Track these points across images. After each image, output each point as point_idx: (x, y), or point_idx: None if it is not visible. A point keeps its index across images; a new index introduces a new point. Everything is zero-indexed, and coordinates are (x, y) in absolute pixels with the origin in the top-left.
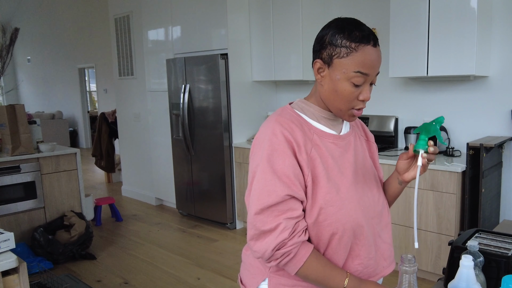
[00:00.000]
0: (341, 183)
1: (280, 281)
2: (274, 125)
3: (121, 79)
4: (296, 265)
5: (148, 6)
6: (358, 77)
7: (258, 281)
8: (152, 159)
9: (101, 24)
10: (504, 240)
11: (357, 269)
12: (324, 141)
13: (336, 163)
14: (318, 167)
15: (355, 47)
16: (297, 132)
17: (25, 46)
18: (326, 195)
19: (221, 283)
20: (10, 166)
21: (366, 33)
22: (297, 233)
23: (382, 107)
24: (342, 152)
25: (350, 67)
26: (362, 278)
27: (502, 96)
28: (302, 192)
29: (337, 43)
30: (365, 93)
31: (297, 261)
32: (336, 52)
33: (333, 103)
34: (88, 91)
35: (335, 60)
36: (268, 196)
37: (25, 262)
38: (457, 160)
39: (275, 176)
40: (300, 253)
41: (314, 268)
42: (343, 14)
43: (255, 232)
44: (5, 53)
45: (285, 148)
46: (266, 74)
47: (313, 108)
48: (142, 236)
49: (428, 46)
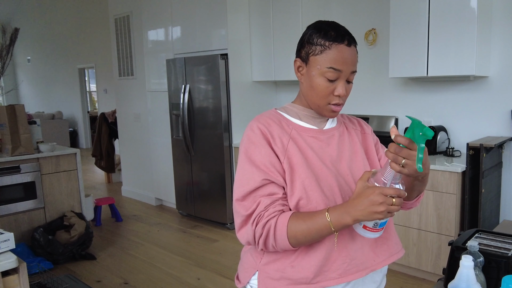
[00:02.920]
0: (321, 173)
1: (268, 274)
2: (252, 122)
3: (121, 79)
4: (281, 233)
5: (148, 6)
6: (331, 73)
7: (250, 275)
8: (152, 159)
9: (101, 24)
10: (504, 240)
11: (344, 261)
12: (303, 135)
13: (316, 154)
14: (296, 156)
15: (328, 45)
16: (273, 126)
17: (25, 46)
18: (305, 179)
19: (221, 283)
20: (10, 166)
21: (341, 33)
22: (274, 206)
23: (382, 107)
24: (322, 145)
25: (324, 63)
26: (351, 271)
27: (502, 96)
28: (280, 178)
29: (313, 41)
30: (339, 88)
31: (280, 229)
32: (312, 50)
33: (311, 99)
34: (88, 91)
35: (311, 58)
36: (247, 184)
37: (25, 263)
38: (457, 160)
39: (253, 165)
40: (280, 220)
41: (298, 227)
42: (343, 14)
43: (241, 219)
44: (5, 53)
45: (260, 140)
46: (266, 74)
47: (297, 108)
48: (142, 236)
49: (428, 46)
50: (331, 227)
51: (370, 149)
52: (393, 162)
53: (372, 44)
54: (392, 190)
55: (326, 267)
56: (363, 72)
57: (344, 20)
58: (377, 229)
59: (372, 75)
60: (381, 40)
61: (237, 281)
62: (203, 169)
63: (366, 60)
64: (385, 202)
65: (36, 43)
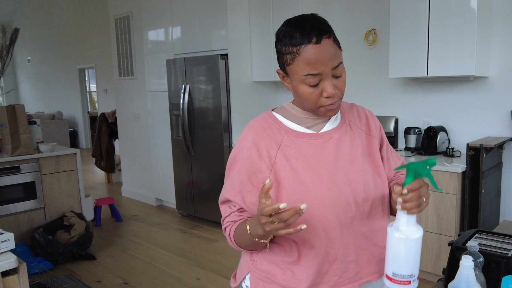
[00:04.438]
0: (311, 184)
1: (257, 274)
2: (244, 131)
3: (121, 80)
4: (232, 243)
5: (148, 6)
6: (310, 78)
7: (243, 274)
8: (152, 159)
9: (101, 24)
10: (504, 240)
11: (335, 273)
12: (296, 141)
13: (308, 163)
14: (284, 169)
15: (296, 51)
16: (263, 137)
17: (25, 46)
18: (292, 196)
19: (221, 284)
20: (10, 167)
21: (306, 31)
22: (231, 216)
23: (382, 107)
24: (317, 150)
25: (299, 71)
26: (342, 282)
27: (502, 97)
28: (240, 201)
29: (282, 50)
30: (327, 89)
31: (231, 238)
32: (284, 60)
33: (304, 105)
34: (88, 91)
35: (287, 68)
36: (226, 193)
37: (25, 263)
38: (457, 160)
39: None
40: (230, 231)
41: (239, 238)
42: (343, 14)
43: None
44: (5, 53)
45: (243, 155)
46: (266, 75)
47: (295, 110)
48: (142, 236)
49: (428, 47)
50: (254, 238)
51: (375, 154)
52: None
53: (372, 45)
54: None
55: (318, 279)
56: (363, 72)
57: (344, 20)
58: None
59: (372, 75)
60: (381, 40)
61: (232, 279)
62: (203, 169)
63: (366, 60)
64: (267, 222)
65: (36, 43)
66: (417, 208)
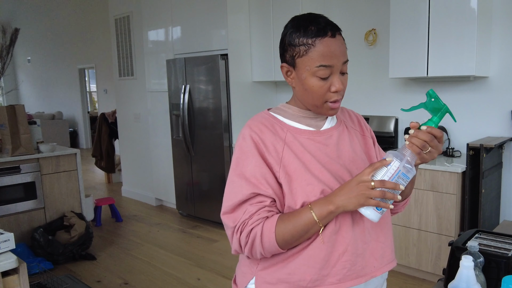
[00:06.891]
0: (322, 176)
1: (265, 279)
2: (244, 129)
3: (121, 80)
4: (269, 239)
5: (148, 6)
6: (323, 70)
7: (247, 280)
8: (152, 159)
9: (101, 24)
10: (504, 240)
11: (344, 266)
12: (299, 138)
13: (314, 157)
14: (293, 163)
15: (312, 42)
16: (266, 133)
17: (25, 46)
18: (307, 186)
19: (221, 284)
20: (10, 167)
21: (321, 25)
22: (259, 213)
23: (382, 107)
24: (320, 146)
25: (312, 63)
26: (351, 276)
27: (502, 97)
28: (270, 190)
29: (295, 42)
30: (336, 83)
31: (268, 235)
32: (296, 52)
33: (307, 101)
34: (88, 91)
35: (297, 60)
36: (235, 197)
37: (25, 263)
38: (457, 160)
39: (242, 178)
40: (266, 226)
41: (285, 228)
42: (343, 14)
43: (230, 231)
44: (5, 53)
45: (252, 150)
46: (266, 75)
47: (292, 110)
48: (142, 236)
49: (428, 47)
50: (315, 218)
51: (371, 153)
52: (419, 147)
53: (372, 44)
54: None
55: (325, 271)
56: (363, 72)
57: (344, 20)
58: None
59: (372, 75)
60: (381, 40)
61: (234, 285)
62: (203, 169)
63: (366, 60)
64: (365, 185)
65: (36, 44)
66: (423, 149)
